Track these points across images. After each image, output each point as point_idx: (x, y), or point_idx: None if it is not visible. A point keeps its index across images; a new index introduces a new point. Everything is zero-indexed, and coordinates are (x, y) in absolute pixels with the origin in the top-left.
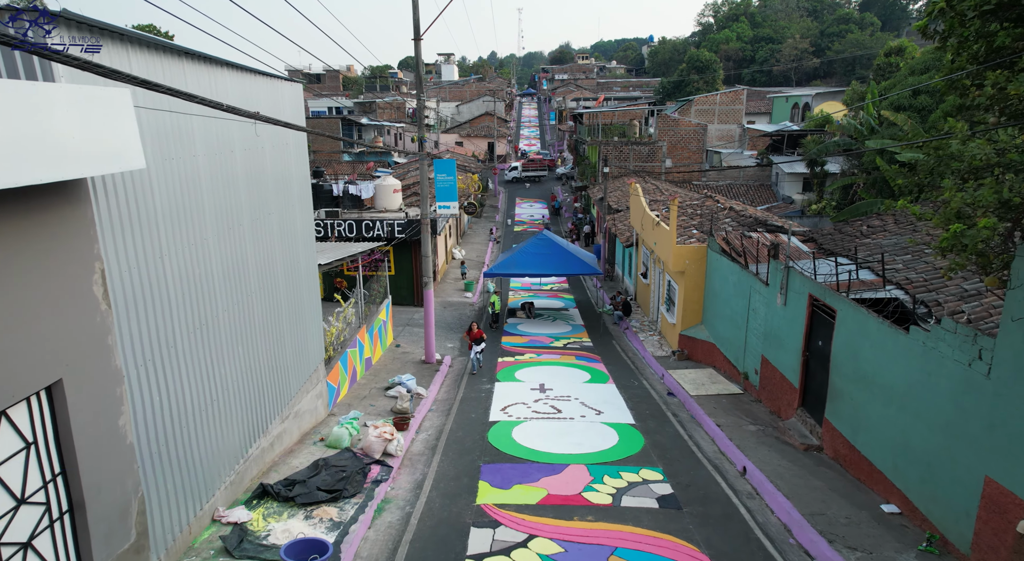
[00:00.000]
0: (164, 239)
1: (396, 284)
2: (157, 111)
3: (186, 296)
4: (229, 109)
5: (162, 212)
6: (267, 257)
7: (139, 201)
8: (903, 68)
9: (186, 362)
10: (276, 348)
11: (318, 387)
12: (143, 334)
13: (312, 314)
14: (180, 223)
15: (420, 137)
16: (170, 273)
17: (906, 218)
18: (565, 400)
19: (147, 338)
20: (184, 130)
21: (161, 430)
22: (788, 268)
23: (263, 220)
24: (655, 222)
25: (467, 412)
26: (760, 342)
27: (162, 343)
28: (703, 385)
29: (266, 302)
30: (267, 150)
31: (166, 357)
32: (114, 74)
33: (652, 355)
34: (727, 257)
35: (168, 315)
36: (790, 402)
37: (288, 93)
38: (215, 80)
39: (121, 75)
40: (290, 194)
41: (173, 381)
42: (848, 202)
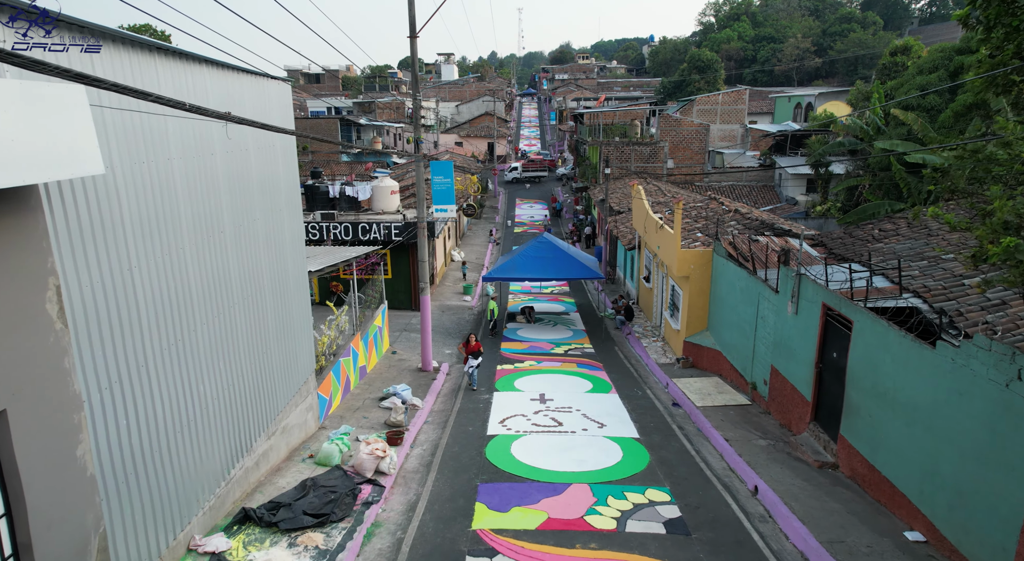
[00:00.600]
0: (133, 250)
1: (393, 288)
2: (124, 111)
3: (159, 311)
4: (193, 109)
5: (131, 220)
6: (252, 266)
7: (103, 209)
8: (911, 67)
9: (159, 381)
10: (262, 361)
11: (308, 400)
12: (108, 354)
13: (302, 324)
14: (152, 232)
15: (416, 138)
16: (140, 286)
17: (920, 222)
18: (566, 412)
19: (113, 358)
20: (156, 131)
21: (129, 457)
22: (800, 275)
23: (247, 226)
24: (658, 225)
25: (464, 425)
26: (769, 351)
27: (130, 363)
28: (709, 395)
29: (250, 313)
30: (251, 152)
31: (135, 377)
32: (38, 66)
33: (656, 362)
34: (734, 262)
35: (138, 332)
36: (802, 416)
37: (275, 92)
38: (192, 78)
39: (48, 67)
40: (277, 198)
41: (144, 403)
42: (853, 204)
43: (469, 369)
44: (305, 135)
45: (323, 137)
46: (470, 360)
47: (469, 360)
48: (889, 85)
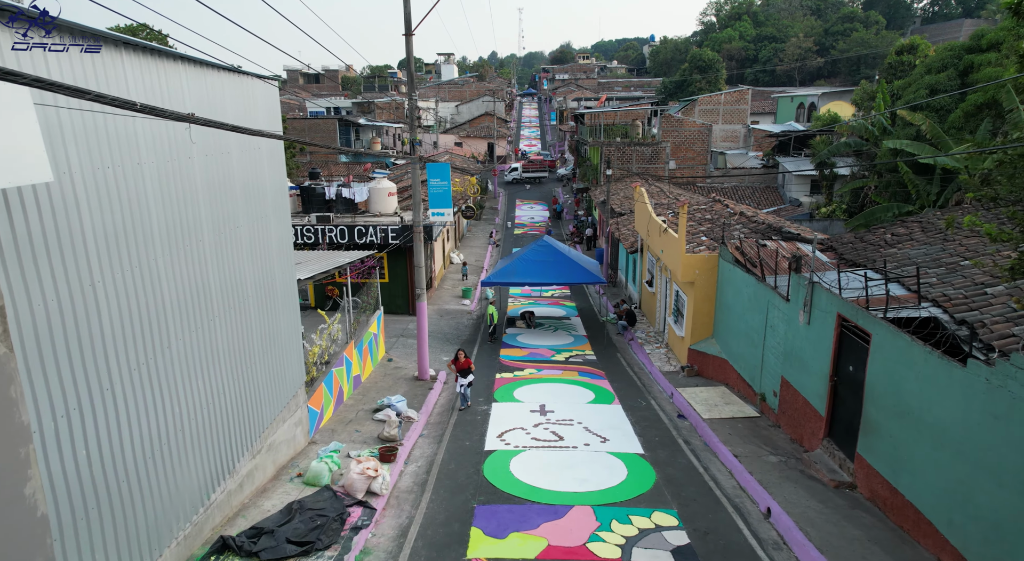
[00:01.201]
0: (96, 263)
1: (390, 292)
2: (84, 112)
3: (127, 329)
4: (145, 109)
5: (93, 231)
6: (234, 276)
7: (58, 220)
8: (919, 66)
9: (126, 405)
10: (246, 376)
11: (297, 414)
12: (65, 379)
13: (290, 335)
14: (119, 243)
15: (412, 139)
16: (105, 303)
17: (933, 226)
18: (567, 424)
19: (71, 383)
20: (124, 134)
21: (90, 490)
22: (813, 284)
23: (230, 234)
24: (662, 229)
25: (461, 439)
26: (780, 362)
27: (92, 387)
28: (716, 406)
29: (233, 326)
30: (234, 155)
31: (98, 402)
32: None
33: (659, 370)
34: (741, 268)
35: (101, 353)
36: (815, 431)
37: (261, 93)
38: (165, 77)
39: None
40: (263, 204)
41: (107, 430)
42: (859, 206)
43: (460, 388)
44: (290, 139)
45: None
46: (460, 378)
47: (459, 378)
48: (896, 85)
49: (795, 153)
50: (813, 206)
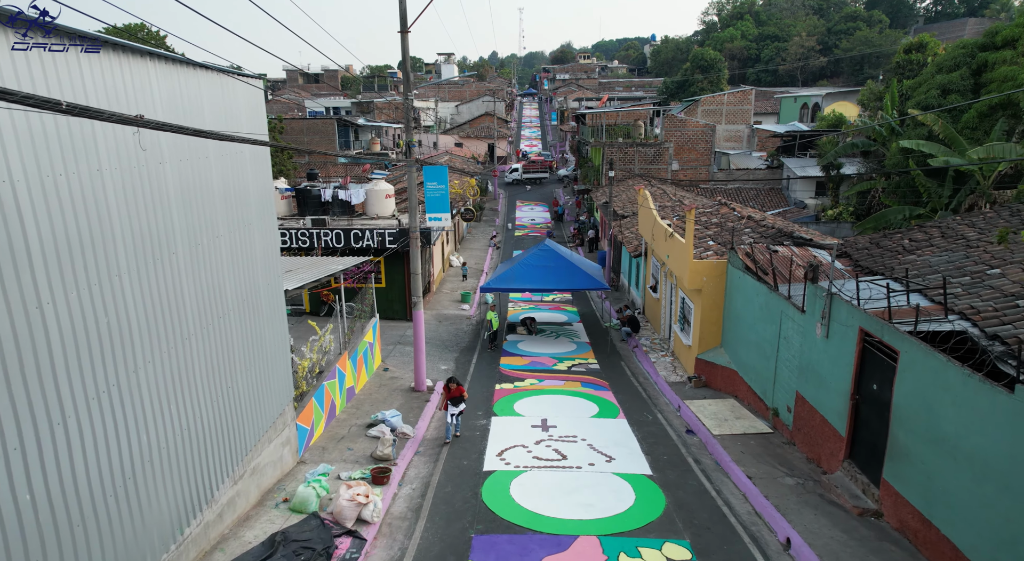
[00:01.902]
0: (44, 282)
1: (387, 297)
2: (29, 112)
3: (82, 353)
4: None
5: (41, 246)
6: (213, 289)
7: None
8: (930, 65)
9: (82, 440)
10: (226, 397)
11: (284, 433)
12: (4, 415)
13: (277, 349)
14: (74, 258)
15: (407, 141)
16: (56, 326)
17: (954, 231)
18: (571, 441)
19: (11, 419)
20: (79, 137)
21: (35, 539)
22: (831, 295)
23: (207, 245)
24: (668, 233)
25: (458, 457)
26: (794, 376)
27: (38, 421)
28: (726, 421)
29: (211, 344)
30: (212, 160)
31: (45, 439)
32: None
33: (665, 381)
34: (752, 275)
35: (51, 382)
36: (834, 452)
37: (244, 93)
38: (130, 74)
39: None
40: (246, 211)
41: (58, 468)
42: (866, 208)
43: (450, 417)
44: (268, 143)
45: (312, 141)
46: (450, 407)
47: (449, 407)
48: (906, 84)
49: (800, 154)
50: (819, 208)
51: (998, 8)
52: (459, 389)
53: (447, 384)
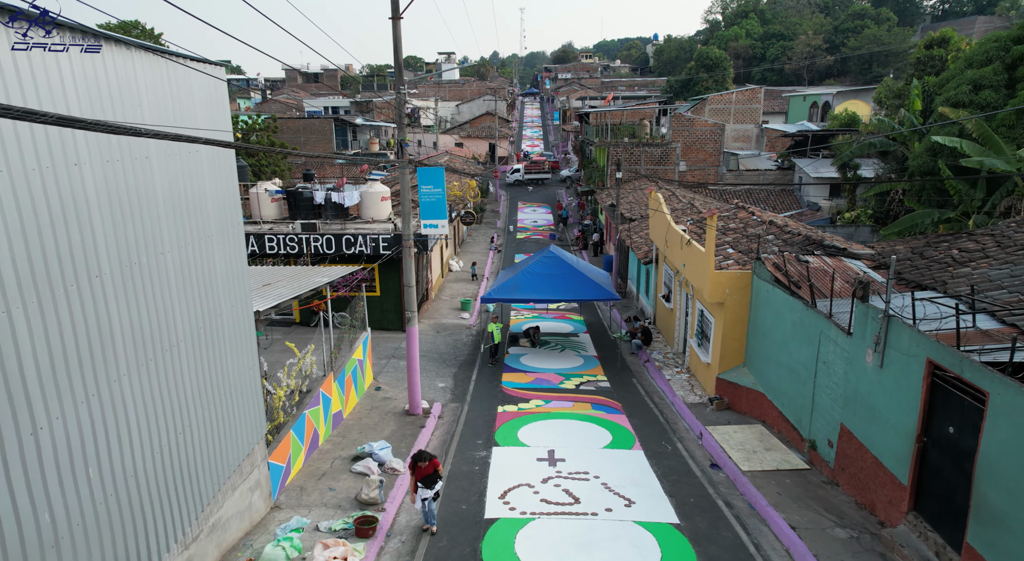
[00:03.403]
0: None
1: (382, 307)
2: None
3: None
4: None
5: None
6: (156, 317)
7: None
8: (960, 59)
9: None
10: (175, 445)
11: (253, 476)
12: None
13: (244, 381)
14: None
15: (399, 140)
16: None
17: (1011, 240)
18: (583, 479)
19: None
20: None
21: None
22: (888, 317)
23: (147, 264)
24: (684, 240)
25: (456, 499)
26: (837, 406)
27: None
28: (755, 453)
29: (152, 383)
30: (154, 161)
31: None
32: None
33: (683, 401)
34: (782, 288)
35: None
36: (893, 501)
37: (200, 85)
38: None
39: None
40: (202, 222)
41: None
42: (885, 210)
43: (422, 503)
44: (234, 145)
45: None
46: (422, 489)
47: (420, 489)
48: (930, 80)
49: (812, 154)
50: (833, 211)
51: (1007, 6)
52: (432, 464)
53: (414, 462)
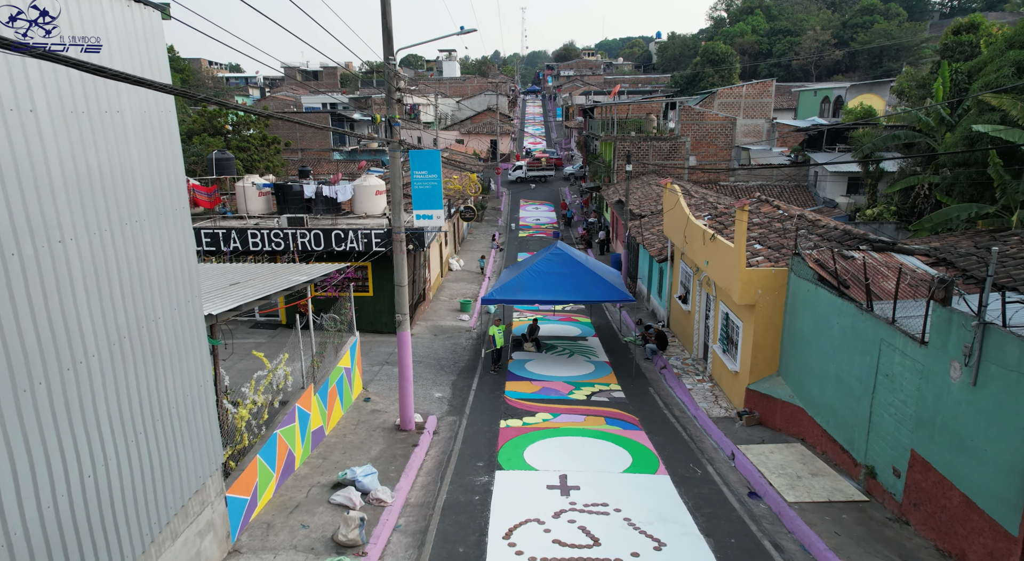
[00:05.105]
0: None
1: (375, 308)
2: None
3: None
4: None
5: None
6: (51, 325)
7: None
8: (998, 40)
9: None
10: (77, 495)
11: (204, 517)
12: None
13: (192, 401)
14: None
15: (389, 117)
16: None
17: None
18: (601, 513)
19: None
20: None
21: None
22: (984, 324)
23: (33, 255)
24: (708, 235)
25: (452, 540)
26: (906, 429)
27: None
28: (799, 479)
29: (41, 413)
30: (42, 119)
31: None
32: None
33: (707, 414)
34: (827, 288)
35: None
36: (993, 553)
37: (115, 19)
38: None
39: None
40: (129, 203)
41: None
42: (910, 206)
43: None
44: (183, 92)
45: (304, 137)
46: None
47: None
48: (962, 66)
49: (827, 149)
50: (852, 207)
51: (1018, 2)
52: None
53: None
